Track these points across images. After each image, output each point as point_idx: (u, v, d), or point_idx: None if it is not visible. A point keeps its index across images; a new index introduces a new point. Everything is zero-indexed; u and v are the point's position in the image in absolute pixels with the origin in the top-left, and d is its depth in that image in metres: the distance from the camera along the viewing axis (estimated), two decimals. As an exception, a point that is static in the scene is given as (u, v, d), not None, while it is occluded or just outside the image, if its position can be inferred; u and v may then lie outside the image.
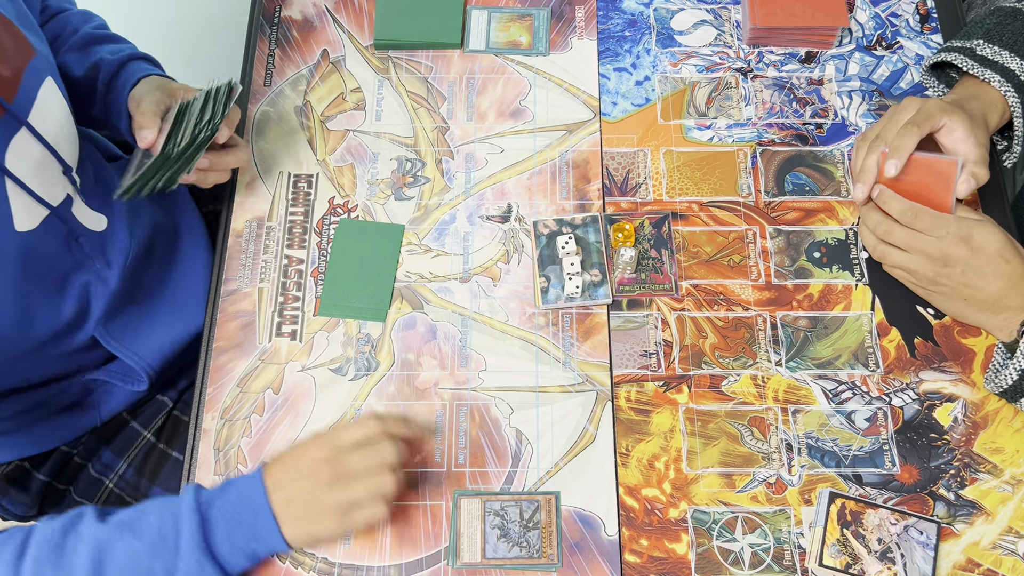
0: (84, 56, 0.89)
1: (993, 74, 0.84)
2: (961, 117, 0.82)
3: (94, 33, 0.92)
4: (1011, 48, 0.85)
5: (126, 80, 0.87)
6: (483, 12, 1.01)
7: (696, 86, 0.97)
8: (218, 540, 0.68)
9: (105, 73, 0.88)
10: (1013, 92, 0.84)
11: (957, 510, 0.77)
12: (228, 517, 0.68)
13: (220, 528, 0.68)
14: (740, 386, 0.82)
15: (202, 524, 0.67)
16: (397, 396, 0.82)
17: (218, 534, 0.68)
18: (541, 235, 0.89)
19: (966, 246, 0.77)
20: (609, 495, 0.78)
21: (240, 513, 0.68)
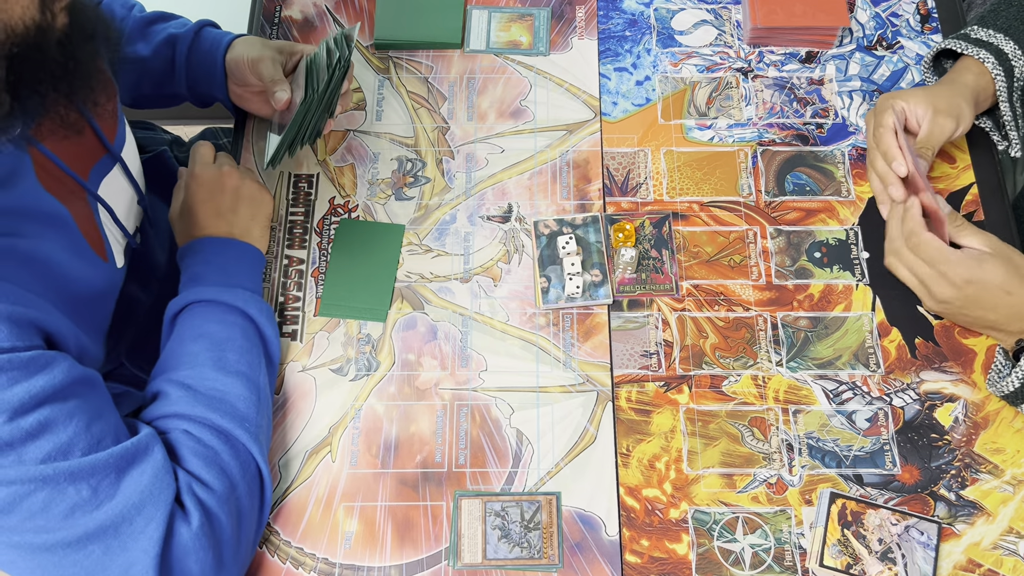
0: (149, 37, 0.91)
1: (988, 55, 0.85)
2: (917, 94, 0.85)
3: (144, 16, 0.93)
4: (1005, 31, 0.86)
5: (212, 47, 0.90)
6: (483, 12, 1.01)
7: (697, 86, 0.97)
8: (248, 281, 0.81)
9: (183, 45, 0.90)
10: (1002, 75, 0.85)
11: (958, 510, 0.77)
12: (237, 263, 0.81)
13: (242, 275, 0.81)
14: (741, 386, 0.82)
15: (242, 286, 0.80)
16: (397, 396, 0.82)
17: (245, 279, 0.81)
18: (542, 235, 0.88)
19: (969, 287, 0.77)
20: (610, 495, 0.78)
21: (226, 266, 0.81)
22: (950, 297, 0.78)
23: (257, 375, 0.75)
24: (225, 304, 0.77)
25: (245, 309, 0.77)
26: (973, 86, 0.86)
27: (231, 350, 0.74)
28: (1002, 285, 0.76)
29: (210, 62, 0.89)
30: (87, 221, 0.73)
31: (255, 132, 0.94)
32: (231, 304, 0.77)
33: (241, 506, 0.69)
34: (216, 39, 0.90)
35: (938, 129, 0.84)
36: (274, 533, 0.76)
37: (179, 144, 1.13)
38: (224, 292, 0.77)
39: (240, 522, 0.69)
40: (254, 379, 0.75)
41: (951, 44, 0.88)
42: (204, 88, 0.91)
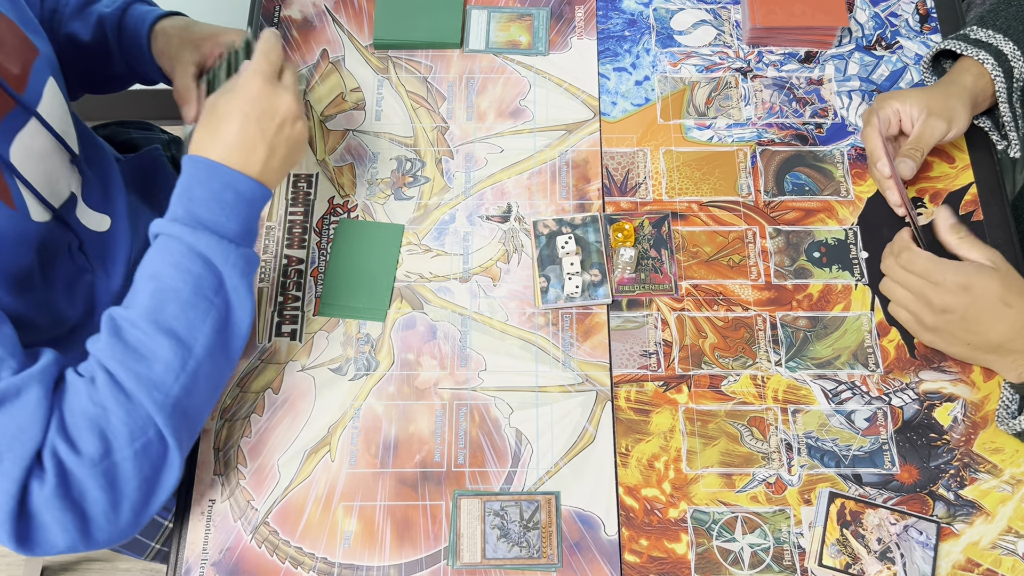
0: (85, 19, 0.89)
1: (987, 55, 0.85)
2: (913, 96, 0.85)
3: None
4: (1004, 32, 0.86)
5: (136, 30, 0.87)
6: (483, 12, 1.01)
7: (696, 86, 0.97)
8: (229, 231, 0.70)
9: (110, 26, 0.88)
10: (1001, 77, 0.84)
11: (957, 510, 0.77)
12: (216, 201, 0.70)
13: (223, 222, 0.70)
14: (740, 386, 0.82)
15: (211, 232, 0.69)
16: (397, 396, 0.82)
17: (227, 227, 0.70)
18: (541, 235, 0.89)
19: (965, 294, 0.75)
20: (609, 495, 0.78)
21: (223, 199, 0.71)
22: (948, 304, 0.76)
23: (193, 338, 0.67)
24: (191, 248, 0.69)
25: (211, 259, 0.69)
26: (971, 87, 0.86)
27: (173, 302, 0.67)
28: (1000, 296, 0.74)
29: (137, 46, 0.87)
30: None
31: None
32: (197, 251, 0.69)
33: (119, 473, 0.64)
34: (139, 21, 0.88)
35: (929, 130, 0.84)
36: (273, 532, 0.76)
37: (177, 144, 1.13)
38: (199, 233, 0.69)
39: (116, 490, 0.64)
40: (188, 342, 0.67)
41: (950, 45, 0.88)
42: (142, 71, 0.90)
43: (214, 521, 0.77)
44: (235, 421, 0.81)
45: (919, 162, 0.84)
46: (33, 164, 0.73)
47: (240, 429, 0.81)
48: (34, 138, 0.73)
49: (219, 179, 0.71)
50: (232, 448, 0.80)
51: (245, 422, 0.81)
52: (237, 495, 0.78)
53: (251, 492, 0.78)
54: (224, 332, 0.70)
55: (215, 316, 0.69)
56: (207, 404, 0.71)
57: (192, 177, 0.71)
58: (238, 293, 0.70)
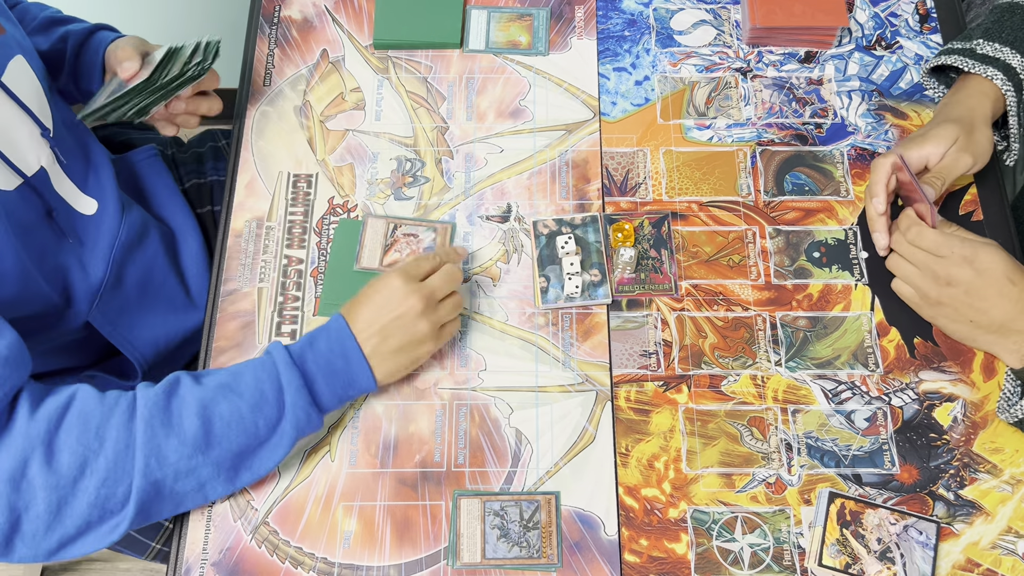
0: (48, 34, 0.92)
1: (996, 71, 0.85)
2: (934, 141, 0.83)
3: (54, 15, 0.95)
4: (1011, 44, 0.85)
5: (98, 45, 0.90)
6: (483, 12, 1.01)
7: (696, 86, 0.97)
8: (319, 391, 0.74)
9: (74, 42, 0.90)
10: (1012, 91, 0.84)
11: (956, 510, 0.77)
12: (323, 368, 0.74)
13: (319, 380, 0.74)
14: (740, 386, 0.82)
15: (303, 378, 0.73)
16: (397, 396, 0.82)
17: (318, 386, 0.74)
18: (541, 235, 0.89)
19: (970, 267, 0.76)
20: (609, 495, 0.78)
21: (333, 363, 0.74)
22: (952, 276, 0.77)
23: (218, 443, 0.70)
24: (277, 380, 0.72)
25: (285, 399, 0.72)
26: (992, 113, 0.86)
27: (229, 404, 0.71)
28: (1006, 272, 0.76)
29: (92, 59, 0.90)
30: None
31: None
32: (281, 385, 0.72)
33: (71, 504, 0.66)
34: (103, 39, 0.91)
35: (954, 163, 0.83)
36: (273, 532, 0.76)
37: (178, 144, 1.13)
38: (293, 372, 0.72)
39: (59, 517, 0.65)
40: (211, 443, 0.70)
41: (958, 62, 0.87)
42: (85, 83, 0.92)
43: (214, 521, 0.77)
44: (235, 421, 0.81)
45: (939, 191, 0.83)
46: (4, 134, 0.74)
47: (240, 429, 0.81)
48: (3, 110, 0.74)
49: (343, 345, 0.75)
50: (232, 448, 0.80)
51: (245, 422, 0.81)
52: (237, 495, 0.78)
53: (251, 492, 0.78)
54: (245, 459, 0.72)
55: (249, 440, 0.71)
56: (181, 505, 0.72)
57: (326, 330, 0.76)
58: (281, 440, 0.73)
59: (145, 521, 0.70)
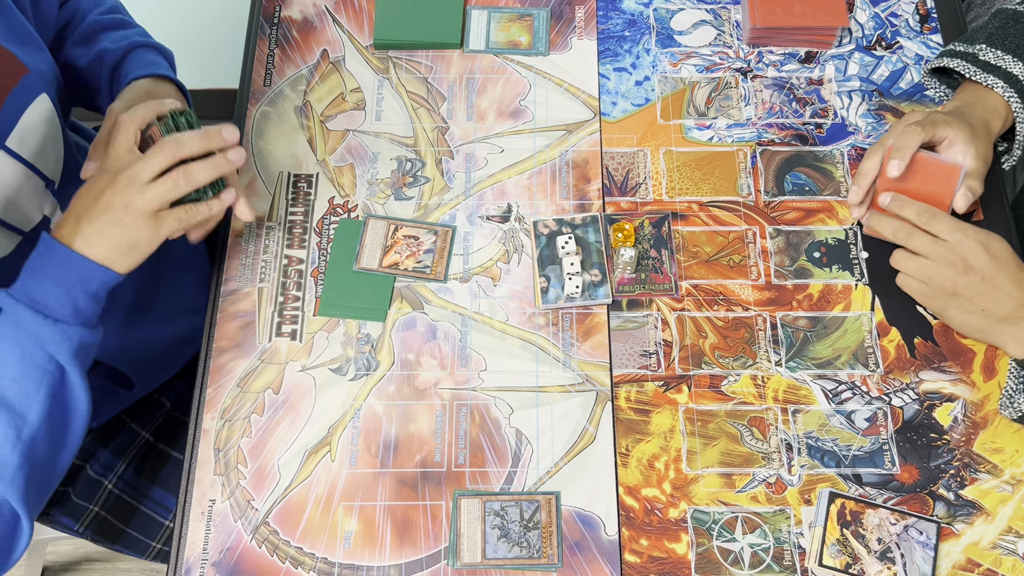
0: (88, 47, 0.87)
1: (996, 80, 0.84)
2: (962, 129, 0.82)
3: (100, 20, 0.90)
4: (1014, 52, 0.85)
5: (126, 73, 0.85)
6: (483, 12, 1.01)
7: (696, 86, 0.97)
8: (53, 305, 0.69)
9: (107, 65, 0.86)
10: (1016, 98, 0.84)
11: (957, 510, 0.77)
12: (48, 278, 0.69)
13: (50, 296, 0.69)
14: (740, 386, 0.82)
15: (33, 305, 0.68)
16: (397, 396, 0.82)
17: (52, 302, 0.69)
18: (541, 235, 0.89)
19: (986, 253, 0.76)
20: (609, 495, 0.78)
21: (54, 272, 0.69)
22: (972, 262, 0.76)
23: (28, 406, 0.67)
24: (18, 325, 0.68)
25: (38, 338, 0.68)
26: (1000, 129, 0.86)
27: (5, 376, 0.67)
28: (1014, 259, 0.76)
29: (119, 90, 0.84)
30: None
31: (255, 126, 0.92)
32: (24, 329, 0.68)
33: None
34: (131, 67, 0.85)
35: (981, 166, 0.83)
36: (273, 533, 0.76)
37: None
38: (28, 315, 0.68)
39: None
40: (22, 412, 0.67)
41: (960, 66, 0.87)
42: None
43: (214, 521, 0.77)
44: (235, 421, 0.81)
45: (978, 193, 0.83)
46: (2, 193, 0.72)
47: (240, 429, 0.81)
48: (3, 167, 0.72)
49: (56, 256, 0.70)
50: (232, 448, 0.80)
51: (245, 422, 0.81)
52: (237, 495, 0.78)
53: (251, 492, 0.78)
54: (62, 401, 0.70)
55: (48, 384, 0.68)
56: (54, 468, 0.71)
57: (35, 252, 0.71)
58: (68, 359, 0.69)
59: (44, 500, 0.70)
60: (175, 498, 0.79)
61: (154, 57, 0.87)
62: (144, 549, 0.99)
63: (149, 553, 1.00)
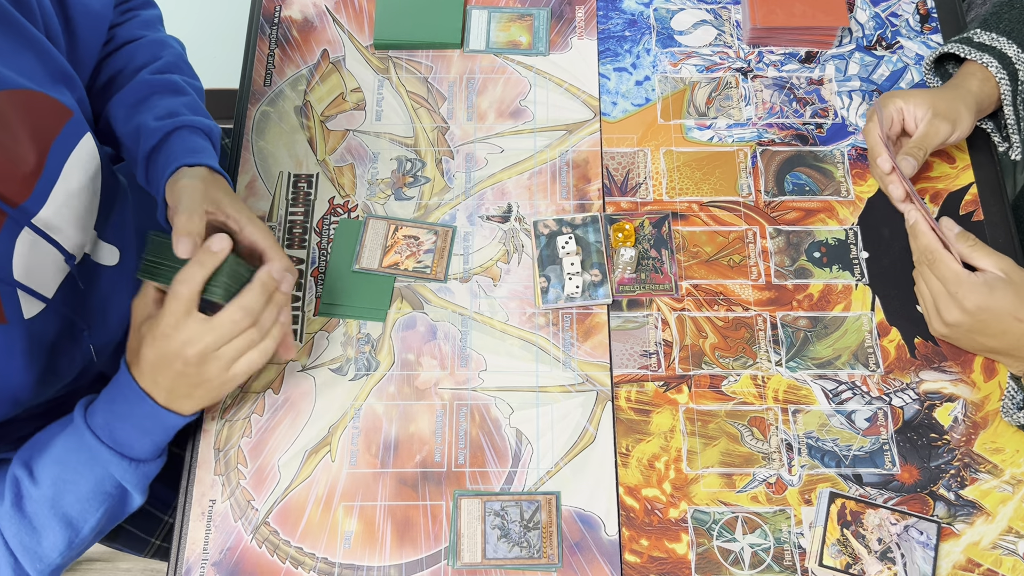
0: (129, 115, 0.82)
1: (991, 59, 0.85)
2: (919, 96, 0.84)
3: (151, 81, 0.83)
4: (1008, 34, 0.86)
5: (165, 165, 0.78)
6: (483, 12, 1.01)
7: (696, 86, 0.97)
8: (136, 449, 0.73)
9: (146, 145, 0.80)
10: (1006, 80, 0.84)
11: (957, 510, 0.77)
12: (133, 432, 0.72)
13: (133, 440, 0.72)
14: (740, 386, 0.82)
15: (117, 448, 0.72)
16: (397, 396, 0.82)
17: (135, 446, 0.72)
18: (541, 235, 0.89)
19: (980, 313, 0.76)
20: (609, 495, 0.78)
21: (140, 420, 0.72)
22: (959, 321, 0.77)
23: (84, 521, 0.72)
24: (97, 459, 0.71)
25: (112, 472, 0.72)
26: (976, 92, 0.85)
27: (72, 493, 0.71)
28: (1012, 311, 0.75)
29: (157, 179, 0.80)
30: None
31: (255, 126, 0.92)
32: (103, 465, 0.71)
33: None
34: (171, 157, 0.79)
35: (933, 131, 0.84)
36: (273, 533, 0.76)
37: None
38: (108, 454, 0.71)
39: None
40: (78, 526, 0.72)
41: (954, 48, 0.88)
42: (154, 193, 0.81)
43: (214, 521, 0.77)
44: (235, 421, 0.81)
45: (920, 161, 0.83)
46: (31, 267, 0.71)
47: (240, 429, 0.81)
48: (29, 243, 0.70)
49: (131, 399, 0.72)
50: (232, 448, 0.80)
51: (245, 422, 0.81)
52: (237, 495, 0.78)
53: (251, 492, 0.78)
54: (115, 517, 0.75)
55: (109, 505, 0.73)
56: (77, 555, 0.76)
57: (122, 394, 0.73)
58: (135, 489, 0.74)
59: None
60: (174, 493, 0.79)
61: (200, 142, 0.81)
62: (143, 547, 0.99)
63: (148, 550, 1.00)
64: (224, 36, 1.44)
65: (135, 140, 0.81)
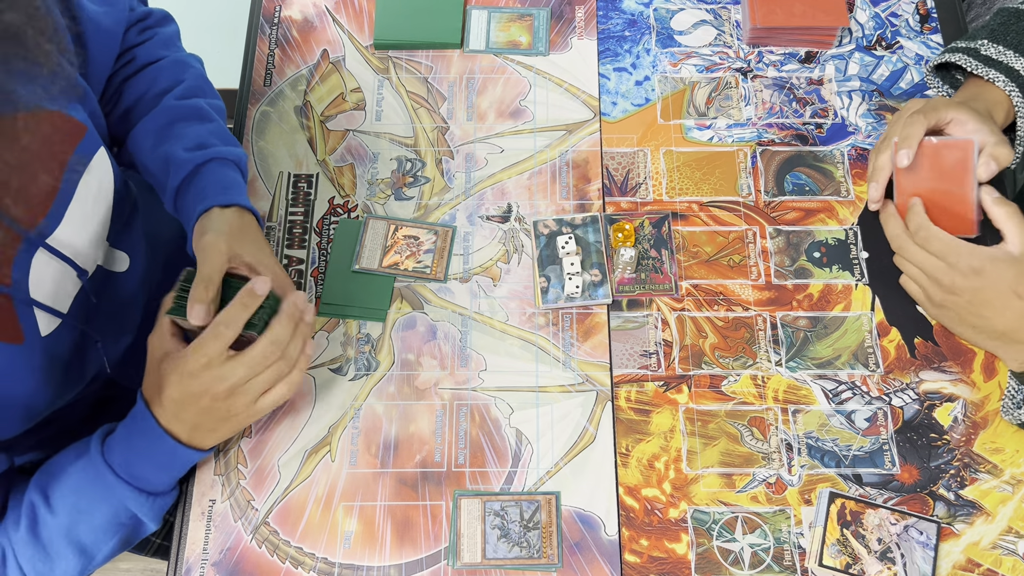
0: (156, 143, 0.81)
1: (997, 74, 0.84)
2: (967, 111, 0.82)
3: (176, 107, 0.83)
4: (1015, 48, 0.85)
5: (196, 202, 0.78)
6: (483, 12, 1.01)
7: (696, 86, 0.97)
8: (154, 483, 0.73)
9: (175, 178, 0.79)
10: (1018, 92, 0.84)
11: (957, 510, 0.77)
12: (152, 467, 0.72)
13: (150, 476, 0.72)
14: (740, 386, 0.82)
15: (135, 483, 0.72)
16: (397, 396, 0.82)
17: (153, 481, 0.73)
18: (541, 235, 0.89)
19: (976, 278, 0.75)
20: (609, 495, 0.78)
21: (158, 459, 0.73)
22: (958, 285, 0.76)
23: (98, 549, 0.73)
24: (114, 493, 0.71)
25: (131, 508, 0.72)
26: (1001, 123, 0.85)
27: (87, 523, 0.71)
28: (1012, 285, 0.74)
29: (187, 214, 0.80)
30: None
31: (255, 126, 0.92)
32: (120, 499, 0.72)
33: None
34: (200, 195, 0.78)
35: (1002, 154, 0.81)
36: (273, 533, 0.76)
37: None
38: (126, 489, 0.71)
39: None
40: (92, 553, 0.73)
41: (962, 60, 0.87)
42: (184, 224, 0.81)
43: (214, 521, 0.77)
44: (235, 421, 0.81)
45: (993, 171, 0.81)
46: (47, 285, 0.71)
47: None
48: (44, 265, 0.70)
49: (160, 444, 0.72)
50: (232, 448, 0.80)
51: (245, 422, 0.81)
52: (237, 495, 0.78)
53: (251, 492, 0.78)
54: (128, 543, 0.76)
55: (124, 534, 0.74)
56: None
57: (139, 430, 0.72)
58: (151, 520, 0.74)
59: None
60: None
61: (231, 176, 0.81)
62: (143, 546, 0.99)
63: (149, 549, 1.00)
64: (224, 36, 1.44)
65: (164, 170, 0.80)
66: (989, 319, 0.77)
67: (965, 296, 0.76)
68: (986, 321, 0.77)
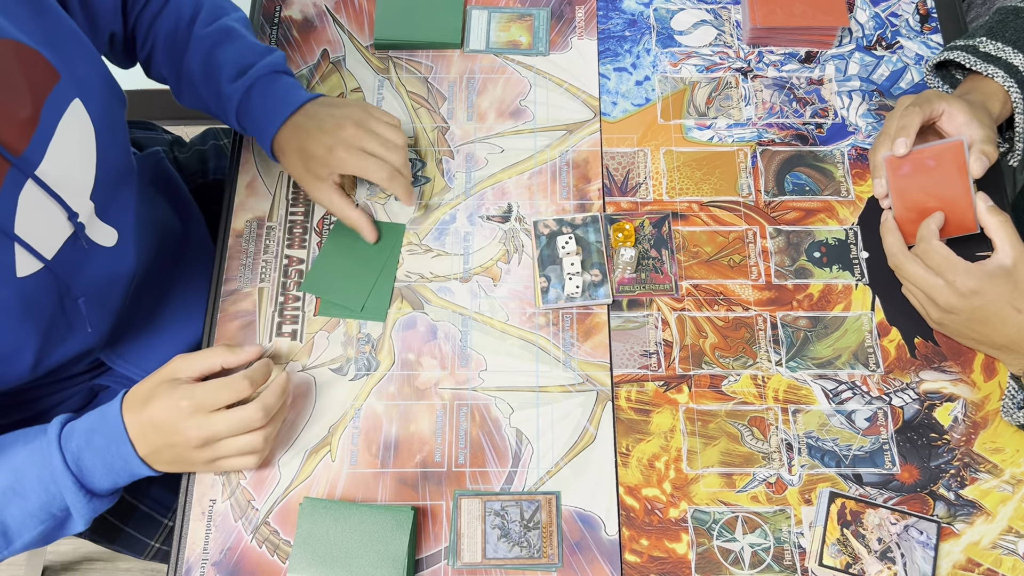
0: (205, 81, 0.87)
1: (996, 69, 0.84)
2: (960, 103, 0.82)
3: (207, 35, 0.87)
4: (1014, 44, 0.85)
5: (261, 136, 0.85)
6: (483, 12, 1.01)
7: (696, 86, 0.97)
8: (96, 483, 0.72)
9: (232, 114, 0.86)
10: (1016, 87, 0.84)
11: (957, 510, 0.77)
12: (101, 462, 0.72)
13: (96, 474, 0.72)
14: (740, 386, 0.82)
15: (79, 476, 0.71)
16: (397, 396, 0.82)
17: (96, 480, 0.72)
18: (541, 235, 0.89)
19: (975, 298, 0.75)
20: (609, 495, 0.78)
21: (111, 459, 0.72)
22: (955, 306, 0.76)
23: (18, 535, 0.72)
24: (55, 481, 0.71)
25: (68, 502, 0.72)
26: (998, 116, 0.85)
27: (18, 506, 0.70)
28: (1010, 300, 0.74)
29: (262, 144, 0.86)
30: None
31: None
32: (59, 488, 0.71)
33: None
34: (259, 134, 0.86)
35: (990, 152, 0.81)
36: (274, 533, 0.76)
37: (179, 144, 1.13)
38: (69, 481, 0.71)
39: None
40: (11, 538, 0.71)
41: (960, 57, 0.87)
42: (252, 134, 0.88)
43: (215, 521, 0.77)
44: (236, 421, 0.81)
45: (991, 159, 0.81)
46: (32, 225, 0.70)
47: (241, 429, 0.81)
48: (32, 199, 0.70)
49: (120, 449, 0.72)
50: (233, 448, 0.80)
51: (246, 422, 0.81)
52: (238, 495, 0.78)
53: (252, 492, 0.78)
54: (49, 538, 0.74)
55: (50, 526, 0.72)
56: None
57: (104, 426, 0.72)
58: (80, 518, 0.73)
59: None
60: (174, 497, 0.79)
61: (274, 90, 0.86)
62: (142, 549, 0.99)
63: (147, 553, 1.00)
64: (224, 36, 1.44)
65: (222, 108, 0.87)
66: (988, 335, 0.77)
67: (964, 315, 0.76)
68: (986, 336, 0.77)
